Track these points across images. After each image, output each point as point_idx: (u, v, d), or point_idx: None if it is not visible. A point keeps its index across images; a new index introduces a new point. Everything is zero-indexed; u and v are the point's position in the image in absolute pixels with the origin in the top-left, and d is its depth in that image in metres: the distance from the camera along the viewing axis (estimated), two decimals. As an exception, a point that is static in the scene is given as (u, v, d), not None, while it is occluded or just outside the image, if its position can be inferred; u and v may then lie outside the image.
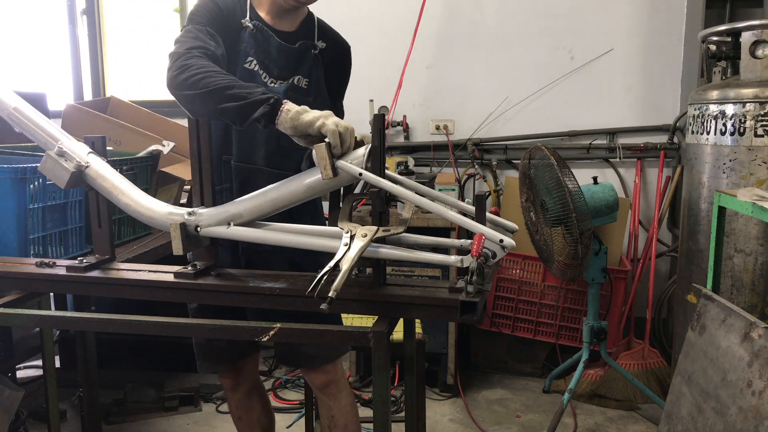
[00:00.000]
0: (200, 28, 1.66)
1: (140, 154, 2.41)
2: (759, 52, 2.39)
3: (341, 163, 1.38)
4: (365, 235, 1.32)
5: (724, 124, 2.42)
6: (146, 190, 1.72)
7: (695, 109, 2.59)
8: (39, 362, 3.06)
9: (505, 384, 3.36)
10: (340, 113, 1.93)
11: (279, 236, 1.46)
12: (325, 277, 1.26)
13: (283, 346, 1.94)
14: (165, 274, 1.50)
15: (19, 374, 3.01)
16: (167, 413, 3.00)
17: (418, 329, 2.22)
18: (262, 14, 1.82)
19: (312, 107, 1.75)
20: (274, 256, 1.80)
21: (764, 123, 2.33)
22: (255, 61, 1.77)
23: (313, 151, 1.37)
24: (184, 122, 1.82)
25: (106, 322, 1.41)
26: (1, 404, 1.96)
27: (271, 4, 1.81)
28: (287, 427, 2.89)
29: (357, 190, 1.71)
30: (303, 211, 1.69)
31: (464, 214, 1.39)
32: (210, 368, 1.99)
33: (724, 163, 2.44)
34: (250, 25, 1.76)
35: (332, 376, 1.90)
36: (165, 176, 2.60)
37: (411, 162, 3.50)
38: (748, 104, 2.35)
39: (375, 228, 1.34)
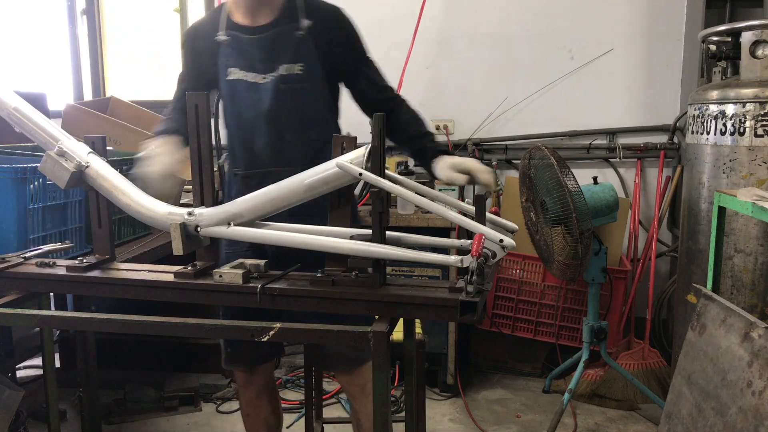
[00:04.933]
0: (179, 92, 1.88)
1: (140, 155, 2.40)
2: (759, 52, 2.39)
3: (342, 162, 1.38)
4: None
5: (724, 124, 2.42)
6: (146, 190, 1.72)
7: (695, 109, 2.59)
8: (39, 362, 3.05)
9: (505, 384, 3.36)
10: (372, 72, 1.91)
11: (279, 236, 1.46)
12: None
13: (309, 349, 2.01)
14: (165, 274, 1.50)
15: (19, 374, 3.01)
16: (167, 413, 3.00)
17: (418, 329, 2.22)
18: (239, 19, 1.83)
19: (309, 93, 1.80)
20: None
21: (764, 123, 2.32)
22: (235, 68, 1.79)
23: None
24: (184, 122, 1.84)
25: (106, 322, 1.41)
26: (1, 404, 1.96)
27: (240, 5, 1.81)
28: (287, 427, 2.89)
29: (357, 191, 1.71)
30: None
31: (464, 214, 1.39)
32: (233, 365, 2.01)
33: (724, 163, 2.44)
34: (223, 38, 1.80)
35: (358, 380, 1.94)
36: (165, 176, 2.59)
37: (411, 162, 3.50)
38: (748, 104, 2.35)
39: None
